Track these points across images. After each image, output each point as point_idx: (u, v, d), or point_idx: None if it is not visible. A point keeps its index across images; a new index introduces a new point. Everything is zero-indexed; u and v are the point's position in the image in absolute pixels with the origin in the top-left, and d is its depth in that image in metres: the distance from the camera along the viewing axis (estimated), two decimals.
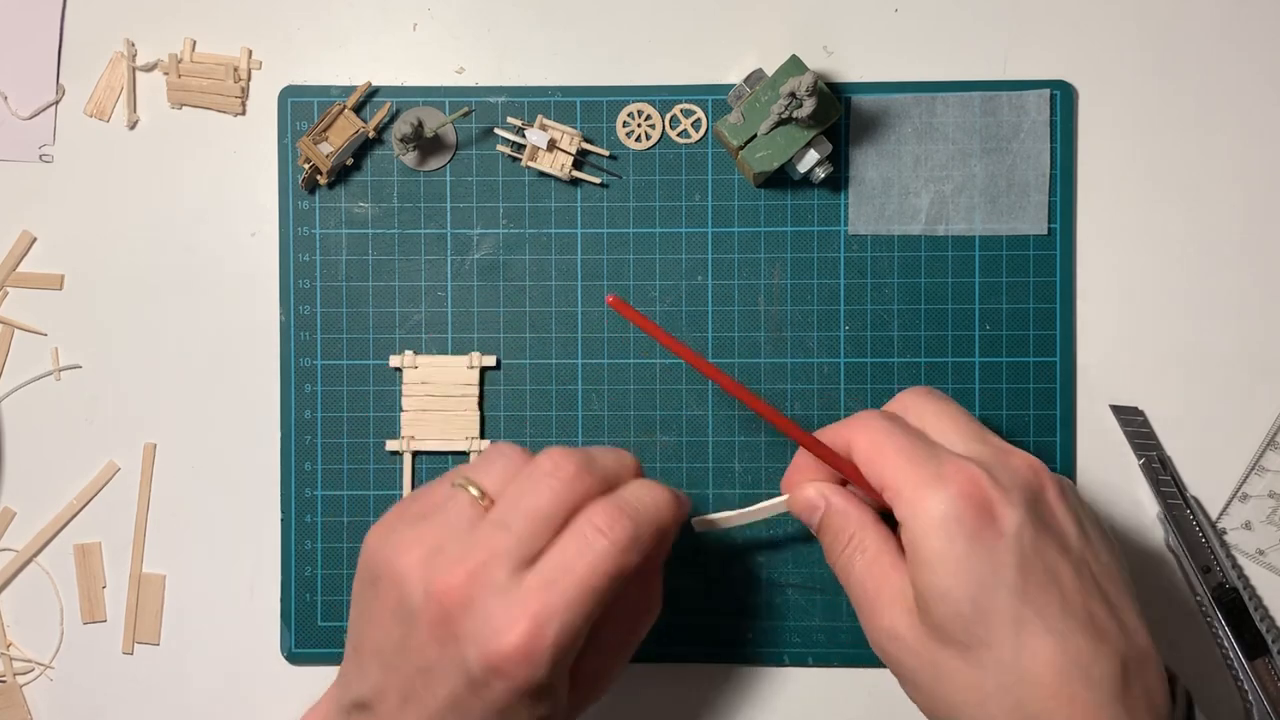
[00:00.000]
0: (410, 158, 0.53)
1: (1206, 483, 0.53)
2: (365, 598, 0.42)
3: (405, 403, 0.53)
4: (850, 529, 0.44)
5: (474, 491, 0.42)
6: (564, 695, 0.41)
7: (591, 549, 0.40)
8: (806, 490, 0.45)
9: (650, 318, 0.53)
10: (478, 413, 0.53)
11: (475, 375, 0.53)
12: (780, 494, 0.47)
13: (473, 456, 0.53)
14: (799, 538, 0.53)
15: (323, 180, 0.53)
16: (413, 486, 0.53)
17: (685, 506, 0.44)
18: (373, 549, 0.42)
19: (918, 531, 0.40)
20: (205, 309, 0.54)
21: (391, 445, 0.53)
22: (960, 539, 0.39)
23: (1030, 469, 0.42)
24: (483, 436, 0.53)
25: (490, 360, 0.53)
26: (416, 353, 0.53)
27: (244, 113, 0.54)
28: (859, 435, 0.43)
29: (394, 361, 0.53)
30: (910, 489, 0.41)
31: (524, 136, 0.52)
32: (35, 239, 0.54)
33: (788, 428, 0.44)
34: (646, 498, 0.42)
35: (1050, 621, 0.39)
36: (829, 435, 0.45)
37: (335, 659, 0.53)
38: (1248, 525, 0.53)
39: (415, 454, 0.53)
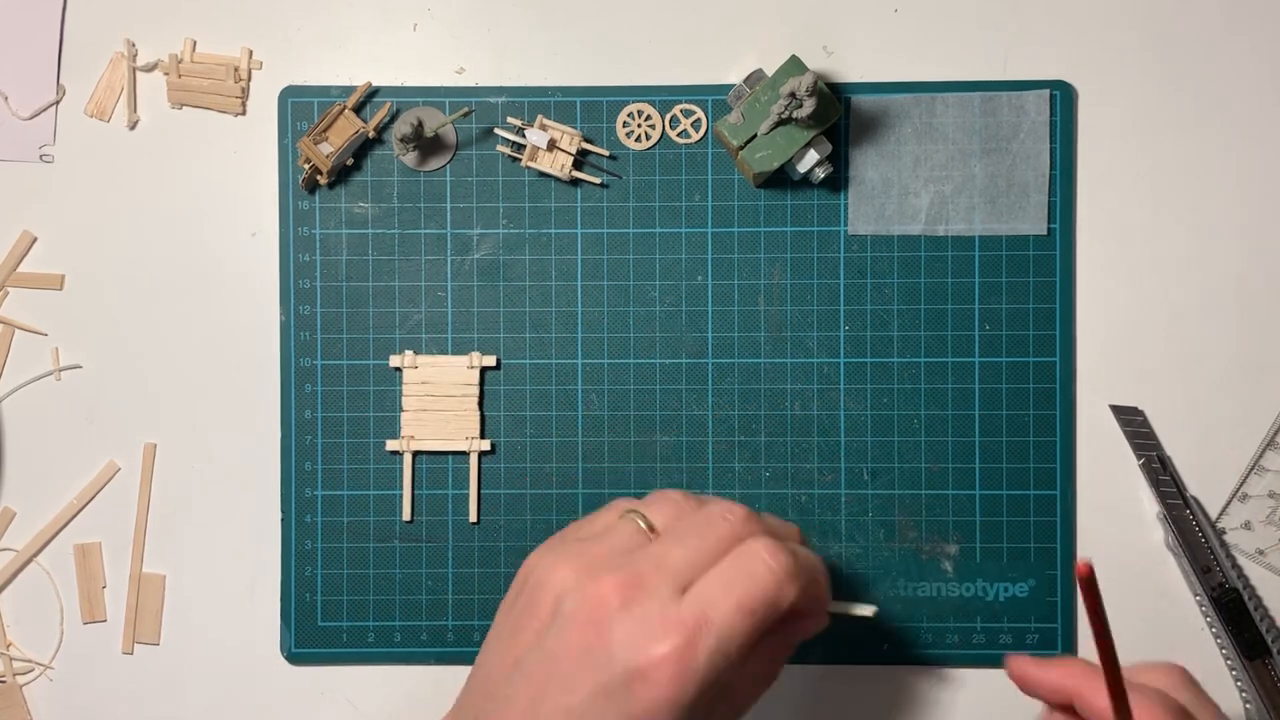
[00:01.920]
0: (410, 158, 0.53)
1: (1206, 483, 0.53)
2: (513, 613, 0.41)
3: (405, 403, 0.53)
4: None
5: (641, 523, 0.41)
6: None
7: (754, 573, 0.39)
8: (1035, 683, 0.42)
9: (650, 318, 0.53)
10: (478, 413, 0.53)
11: (475, 375, 0.53)
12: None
13: (472, 457, 0.53)
14: None
15: (323, 180, 0.53)
16: (413, 486, 0.53)
17: (822, 607, 0.42)
18: (532, 564, 0.41)
19: None
20: (205, 309, 0.54)
21: (391, 445, 0.53)
22: None
23: None
24: (483, 436, 0.53)
25: (490, 360, 0.53)
26: (416, 353, 0.53)
27: (244, 113, 0.54)
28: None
29: (394, 361, 0.53)
30: None
31: (524, 136, 0.52)
32: (35, 239, 0.54)
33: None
34: (808, 554, 0.42)
35: None
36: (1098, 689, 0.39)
37: (335, 659, 0.53)
38: (1247, 525, 0.53)
39: (415, 454, 0.53)
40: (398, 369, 0.53)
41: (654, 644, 0.37)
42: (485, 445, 0.53)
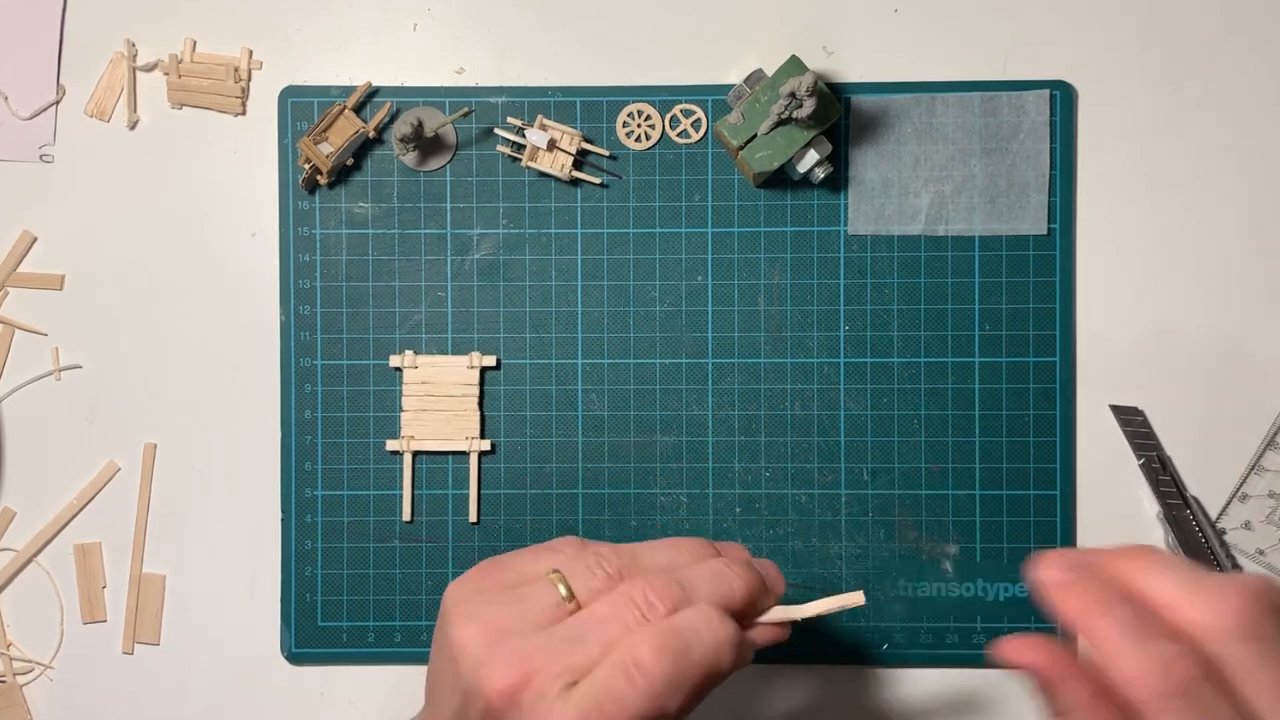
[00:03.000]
0: (410, 158, 0.53)
1: (1206, 483, 0.53)
2: (436, 648, 0.41)
3: (405, 403, 0.53)
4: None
5: (564, 591, 0.39)
6: None
7: (627, 690, 0.37)
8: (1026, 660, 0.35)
9: (650, 318, 0.53)
10: (478, 413, 0.53)
11: (475, 375, 0.53)
12: (856, 590, 0.42)
13: (472, 456, 0.53)
14: (796, 536, 0.53)
15: (323, 180, 0.53)
16: (413, 486, 0.53)
17: (747, 648, 0.40)
18: (447, 607, 0.40)
19: None
20: (205, 309, 0.54)
21: (391, 445, 0.53)
22: None
23: None
24: (483, 436, 0.53)
25: (490, 360, 0.53)
26: (416, 353, 0.53)
27: (244, 113, 0.54)
28: (1239, 607, 0.32)
29: (394, 361, 0.53)
30: None
31: (524, 136, 0.52)
32: (35, 239, 0.54)
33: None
34: (706, 634, 0.38)
35: None
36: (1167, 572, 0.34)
37: (335, 659, 0.53)
38: (1247, 525, 0.53)
39: (415, 454, 0.53)
40: (398, 369, 0.53)
41: None
42: (485, 445, 0.53)
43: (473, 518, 0.53)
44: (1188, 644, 0.33)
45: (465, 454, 0.53)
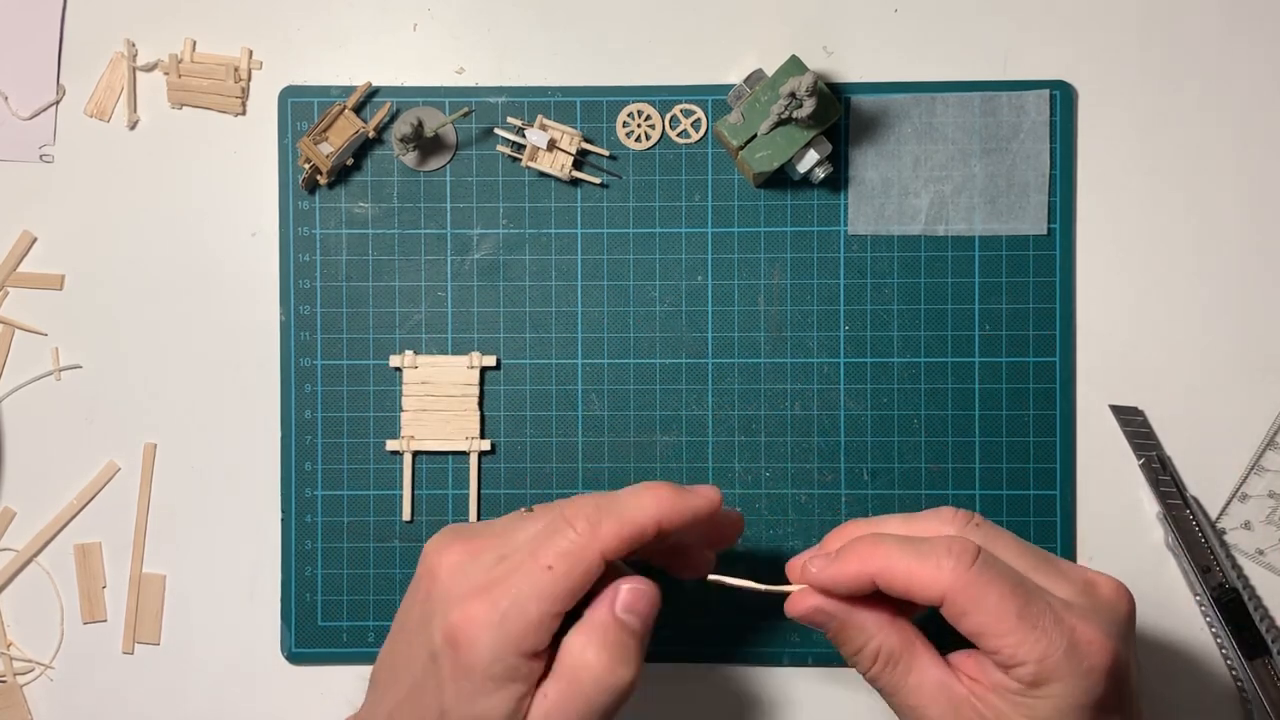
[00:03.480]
0: (410, 158, 0.53)
1: (1206, 483, 0.53)
2: (406, 598, 0.43)
3: (405, 403, 0.53)
4: (881, 641, 0.41)
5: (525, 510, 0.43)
6: (525, 695, 0.40)
7: (552, 534, 0.40)
8: (804, 609, 0.42)
9: (650, 318, 0.53)
10: (478, 413, 0.53)
11: (475, 375, 0.53)
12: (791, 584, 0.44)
13: (472, 456, 0.53)
14: (796, 536, 0.53)
15: (323, 180, 0.53)
16: (413, 486, 0.53)
17: (683, 500, 0.42)
18: (426, 550, 0.43)
19: (1033, 703, 0.38)
20: (205, 309, 0.54)
21: (391, 445, 0.53)
22: (1090, 710, 0.38)
23: (1125, 600, 0.40)
24: (483, 436, 0.53)
25: (490, 360, 0.53)
26: (416, 353, 0.53)
27: (244, 113, 0.54)
28: (957, 594, 0.38)
29: (394, 361, 0.53)
30: (1032, 659, 0.38)
31: (524, 136, 0.52)
32: (35, 239, 0.54)
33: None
34: (624, 495, 0.41)
35: None
36: (903, 576, 0.40)
37: (335, 659, 0.53)
38: (1247, 525, 0.53)
39: (415, 454, 0.53)
40: (398, 369, 0.53)
41: (456, 607, 0.39)
42: (485, 445, 0.53)
43: (473, 518, 0.53)
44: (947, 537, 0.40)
45: (465, 454, 0.53)
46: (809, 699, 0.53)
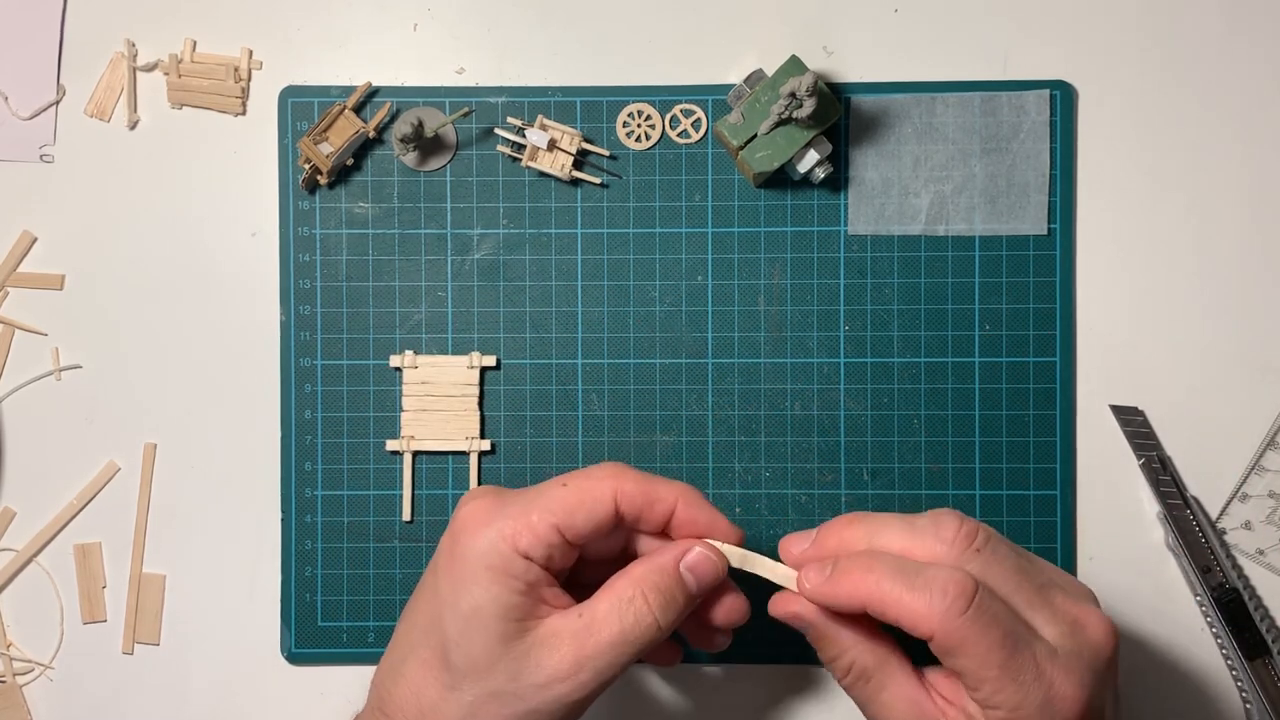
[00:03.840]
0: (410, 158, 0.53)
1: (1206, 483, 0.53)
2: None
3: (405, 403, 0.53)
4: (854, 656, 0.42)
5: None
6: (499, 618, 0.40)
7: (576, 471, 0.42)
8: (786, 611, 0.43)
9: (650, 318, 0.53)
10: (478, 413, 0.53)
11: (475, 375, 0.53)
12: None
13: (472, 457, 0.53)
14: None
15: (323, 180, 0.53)
16: (413, 486, 0.53)
17: (691, 491, 0.43)
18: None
19: None
20: (205, 309, 0.54)
21: (391, 445, 0.53)
22: None
23: (1109, 641, 0.40)
24: (483, 436, 0.53)
25: (490, 360, 0.53)
26: (416, 353, 0.53)
27: (244, 113, 0.54)
28: (946, 638, 0.38)
29: (394, 361, 0.53)
30: (1007, 705, 0.38)
31: (524, 136, 0.52)
32: (35, 239, 0.54)
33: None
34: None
35: None
36: (895, 610, 0.39)
37: (335, 659, 0.53)
38: (1248, 525, 0.53)
39: (415, 454, 0.53)
40: (398, 369, 0.53)
41: (471, 504, 0.41)
42: (485, 445, 0.53)
43: None
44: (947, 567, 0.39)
45: (465, 454, 0.53)
46: (810, 699, 0.53)
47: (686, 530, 0.43)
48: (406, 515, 0.53)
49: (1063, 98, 0.53)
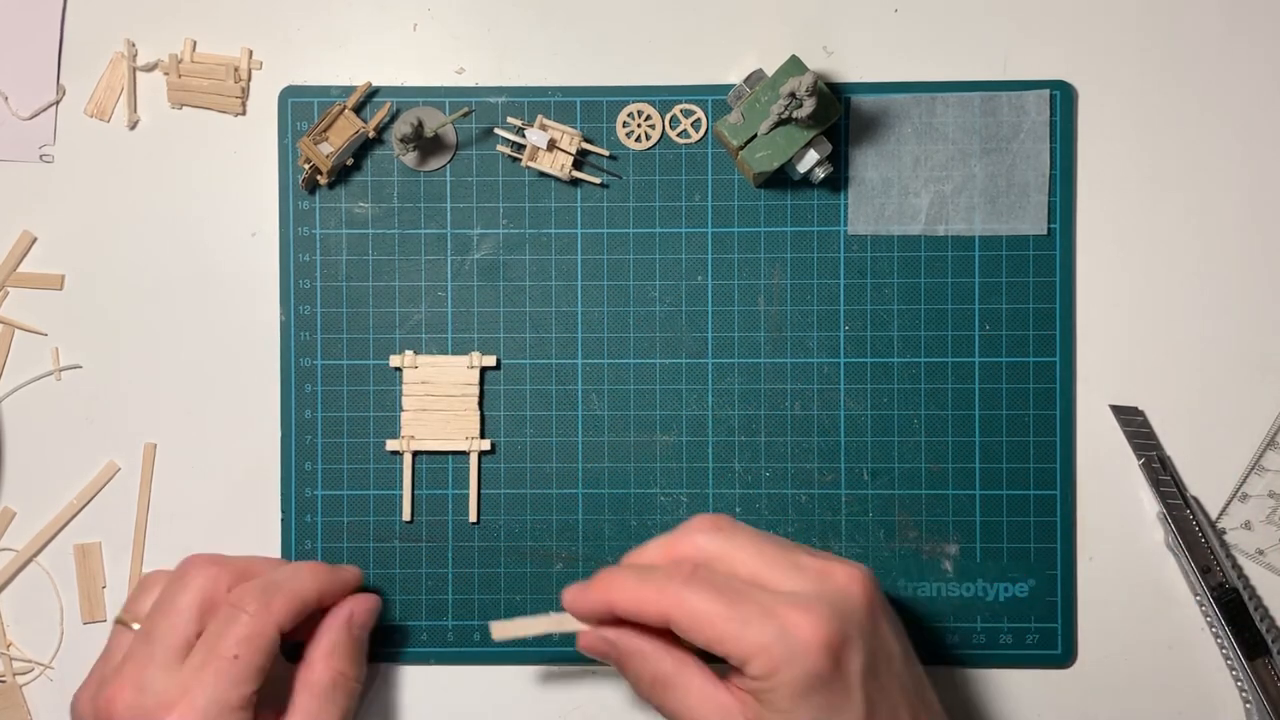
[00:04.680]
0: (410, 158, 0.53)
1: (1206, 483, 0.53)
2: None
3: (405, 402, 0.53)
4: (655, 666, 0.44)
5: (135, 626, 0.46)
6: None
7: (225, 625, 0.44)
8: (588, 639, 0.45)
9: (650, 318, 0.53)
10: (478, 413, 0.53)
11: (476, 375, 0.53)
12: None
13: (472, 456, 0.53)
14: (796, 536, 0.53)
15: (323, 180, 0.53)
16: (413, 486, 0.53)
17: (334, 576, 0.49)
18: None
19: (769, 693, 0.40)
20: (205, 309, 0.54)
21: (391, 445, 0.53)
22: (814, 694, 0.40)
23: (858, 585, 0.42)
24: (483, 436, 0.53)
25: (491, 360, 0.53)
26: (416, 353, 0.53)
27: (244, 113, 0.54)
28: (673, 610, 0.41)
29: (394, 361, 0.53)
30: (753, 654, 0.40)
31: (524, 136, 0.52)
32: (35, 239, 0.54)
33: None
34: (285, 573, 0.47)
35: None
36: (633, 601, 0.43)
37: None
38: (1247, 525, 0.53)
39: (415, 454, 0.53)
40: (398, 369, 0.53)
41: None
42: (485, 445, 0.53)
43: (473, 518, 0.53)
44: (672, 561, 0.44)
45: (465, 454, 0.53)
46: None
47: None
48: (406, 515, 0.53)
49: (1063, 98, 0.53)
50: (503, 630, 0.47)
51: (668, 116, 0.53)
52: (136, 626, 0.46)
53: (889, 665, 0.42)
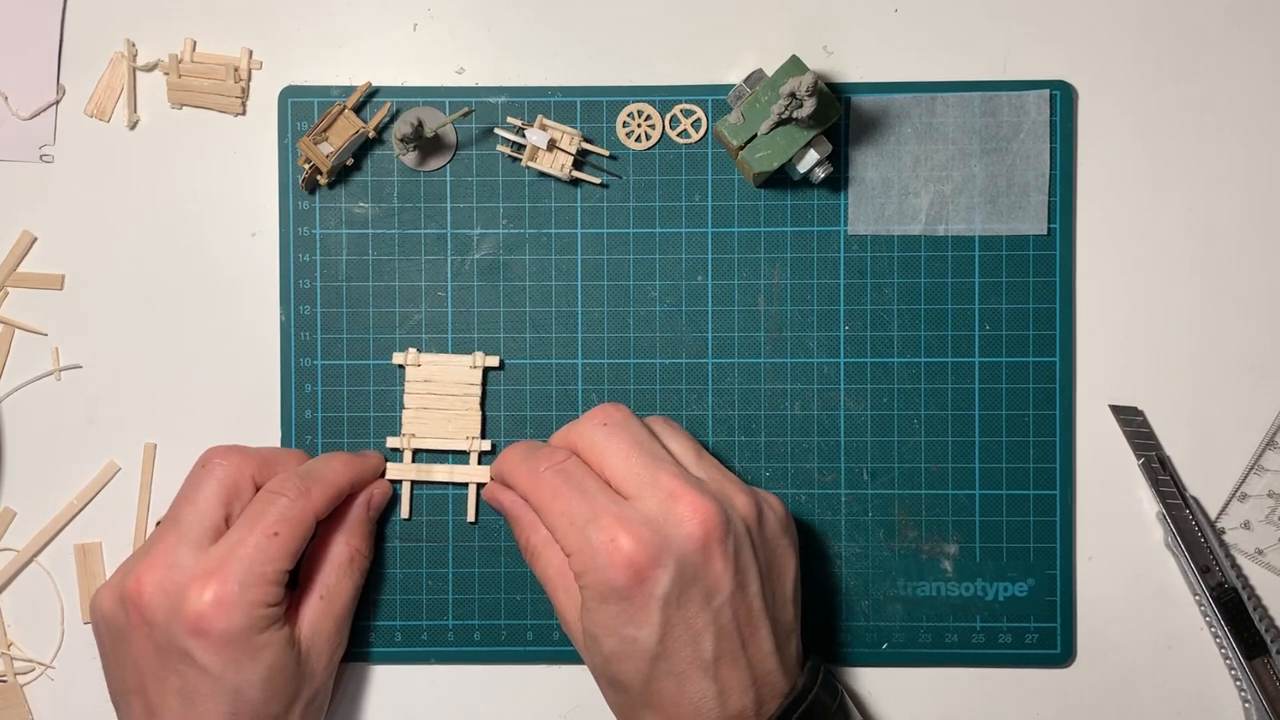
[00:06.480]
0: (410, 158, 0.53)
1: (1206, 483, 0.53)
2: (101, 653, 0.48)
3: (407, 400, 0.53)
4: (528, 536, 0.49)
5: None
6: (283, 653, 0.46)
7: (266, 506, 0.46)
8: (488, 491, 0.51)
9: (650, 318, 0.53)
10: (479, 413, 0.53)
11: (478, 375, 0.53)
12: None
13: (473, 456, 0.53)
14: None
15: (323, 180, 0.53)
16: (412, 486, 0.53)
17: (364, 463, 0.51)
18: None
19: (582, 590, 0.45)
20: (205, 309, 0.54)
21: (392, 442, 0.53)
22: (611, 603, 0.44)
23: (697, 518, 0.44)
24: (484, 436, 0.53)
25: (494, 361, 0.53)
26: (418, 352, 0.53)
27: (244, 113, 0.54)
28: (530, 493, 0.47)
29: (397, 358, 0.53)
30: (570, 552, 0.45)
31: (524, 136, 0.52)
32: (35, 239, 0.54)
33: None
34: (320, 464, 0.50)
35: (675, 665, 0.44)
36: (510, 475, 0.49)
37: None
38: (1247, 525, 0.53)
39: (415, 452, 0.53)
40: (400, 366, 0.53)
41: (192, 601, 0.44)
42: (486, 445, 0.53)
43: (472, 517, 0.53)
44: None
45: (465, 453, 0.53)
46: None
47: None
48: (405, 514, 0.53)
49: (1063, 98, 0.53)
50: (400, 471, 0.52)
51: (668, 116, 0.53)
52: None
53: (706, 598, 0.44)
